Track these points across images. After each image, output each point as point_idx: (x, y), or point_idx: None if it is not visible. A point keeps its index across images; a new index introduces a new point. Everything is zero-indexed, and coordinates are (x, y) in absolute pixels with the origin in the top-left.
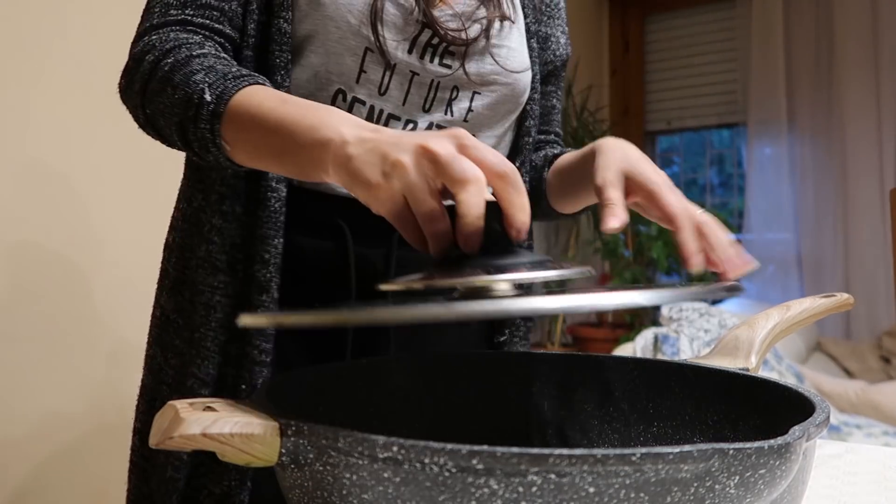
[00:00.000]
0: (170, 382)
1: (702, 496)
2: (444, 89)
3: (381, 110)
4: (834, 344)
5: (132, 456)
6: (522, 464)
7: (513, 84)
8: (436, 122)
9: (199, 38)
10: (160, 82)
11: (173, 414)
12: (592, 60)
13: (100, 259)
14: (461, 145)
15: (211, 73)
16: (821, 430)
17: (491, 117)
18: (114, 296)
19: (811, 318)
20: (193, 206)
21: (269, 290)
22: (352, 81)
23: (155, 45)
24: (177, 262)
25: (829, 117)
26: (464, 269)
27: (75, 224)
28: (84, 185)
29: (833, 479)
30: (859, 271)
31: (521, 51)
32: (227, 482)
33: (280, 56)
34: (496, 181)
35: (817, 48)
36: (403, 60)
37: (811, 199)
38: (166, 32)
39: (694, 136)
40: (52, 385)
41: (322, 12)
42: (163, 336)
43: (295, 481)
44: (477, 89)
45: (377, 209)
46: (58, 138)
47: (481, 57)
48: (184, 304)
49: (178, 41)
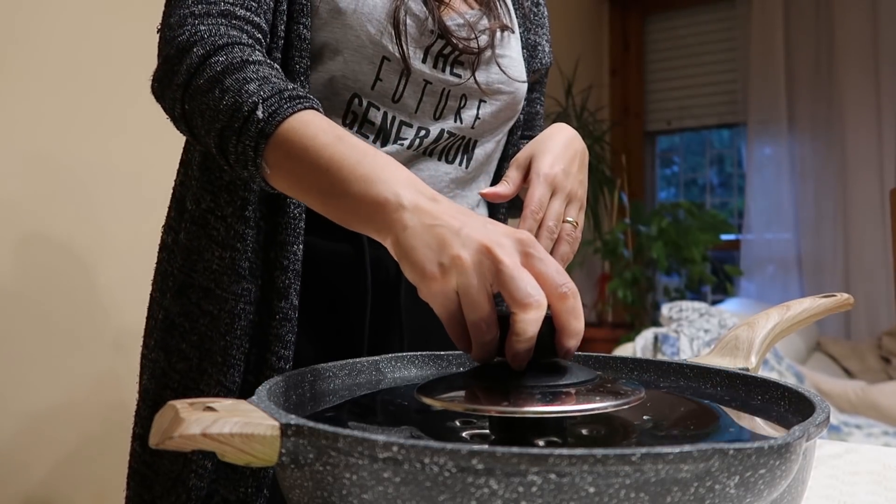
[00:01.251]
0: (175, 387)
1: (702, 496)
2: (454, 98)
3: (393, 117)
4: (834, 344)
5: (132, 461)
6: (522, 464)
7: (515, 92)
8: (447, 129)
9: (248, 38)
10: (209, 82)
11: (173, 414)
12: (592, 60)
13: (104, 253)
14: (525, 253)
15: (266, 85)
16: (821, 430)
17: (493, 125)
18: (119, 290)
19: (811, 318)
20: (202, 207)
21: (288, 296)
22: (367, 88)
23: (203, 36)
24: (182, 264)
25: (829, 117)
26: (507, 386)
27: (81, 217)
28: (89, 178)
29: (833, 479)
30: (859, 271)
31: (520, 60)
32: (244, 489)
33: (300, 62)
34: (557, 303)
35: (817, 48)
36: (418, 69)
37: (811, 199)
38: (216, 25)
39: (694, 136)
40: (57, 379)
41: (342, 21)
42: (167, 340)
43: (295, 481)
44: (483, 97)
45: (426, 298)
46: (62, 131)
47: (488, 66)
48: (191, 308)
49: (230, 38)
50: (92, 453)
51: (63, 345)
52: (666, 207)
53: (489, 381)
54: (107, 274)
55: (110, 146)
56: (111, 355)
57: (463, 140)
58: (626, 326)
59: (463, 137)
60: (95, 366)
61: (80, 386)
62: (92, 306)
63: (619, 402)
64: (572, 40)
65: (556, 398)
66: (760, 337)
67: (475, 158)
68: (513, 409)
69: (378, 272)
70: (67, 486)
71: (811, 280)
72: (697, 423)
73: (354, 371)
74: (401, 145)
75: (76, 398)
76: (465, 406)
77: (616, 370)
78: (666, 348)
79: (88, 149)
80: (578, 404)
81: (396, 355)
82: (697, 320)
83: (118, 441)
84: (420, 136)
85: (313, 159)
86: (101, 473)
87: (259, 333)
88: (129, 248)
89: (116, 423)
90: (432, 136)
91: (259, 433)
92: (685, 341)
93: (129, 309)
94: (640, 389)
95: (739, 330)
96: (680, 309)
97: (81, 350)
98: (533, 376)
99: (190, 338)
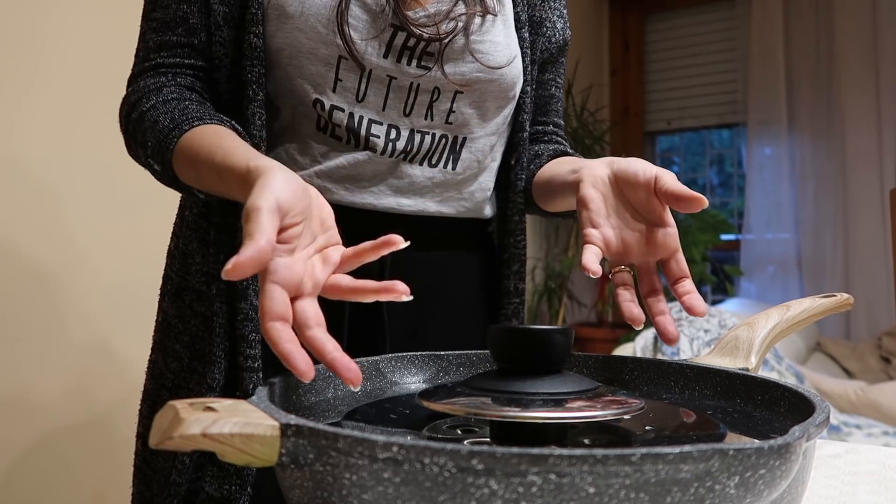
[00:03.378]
0: (169, 386)
1: (702, 496)
2: (425, 92)
3: (360, 117)
4: (834, 344)
5: (135, 460)
6: (522, 464)
7: (498, 80)
8: (416, 128)
9: (164, 79)
10: (132, 136)
11: (173, 414)
12: (592, 60)
13: (100, 258)
14: None
15: (151, 135)
16: (821, 430)
17: (479, 116)
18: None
19: (811, 318)
20: (194, 212)
21: (246, 296)
22: (328, 90)
23: (129, 97)
24: (179, 268)
25: (829, 117)
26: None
27: (73, 225)
28: (64, 186)
29: (833, 479)
30: (859, 271)
31: (505, 43)
32: (228, 486)
33: (251, 70)
34: None
35: (817, 48)
36: (379, 65)
37: (811, 199)
38: (139, 81)
39: (694, 136)
40: (47, 384)
41: (291, 24)
42: (164, 341)
43: (295, 481)
44: (459, 89)
45: None
46: (38, 139)
47: (461, 55)
48: (184, 310)
49: (139, 93)
50: (92, 453)
51: (51, 349)
52: None
53: (492, 389)
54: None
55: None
56: (100, 358)
57: (447, 140)
58: (627, 326)
59: (445, 137)
60: (95, 366)
61: (80, 386)
62: (73, 308)
63: (620, 410)
64: (572, 40)
65: (558, 405)
66: (760, 337)
67: (464, 158)
68: (515, 414)
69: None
70: (68, 486)
71: (811, 280)
72: (699, 435)
73: None
74: (373, 151)
75: (76, 398)
76: (467, 410)
77: (616, 370)
78: (666, 348)
79: (63, 156)
80: (581, 412)
81: (397, 355)
82: (697, 320)
83: (119, 441)
84: (391, 137)
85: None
86: (102, 473)
87: (230, 334)
88: (128, 254)
89: (116, 423)
90: (404, 138)
91: (259, 433)
92: (685, 341)
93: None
94: (640, 400)
95: (739, 330)
96: (680, 308)
97: (70, 353)
98: (535, 384)
99: (182, 338)
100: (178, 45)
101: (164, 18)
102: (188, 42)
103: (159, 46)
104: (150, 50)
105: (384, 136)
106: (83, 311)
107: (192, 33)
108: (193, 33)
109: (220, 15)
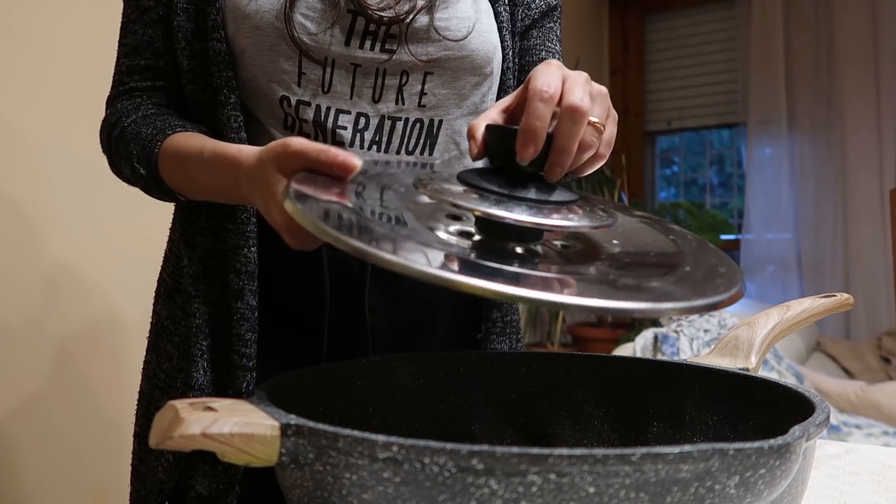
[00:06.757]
0: (161, 387)
1: (702, 496)
2: (392, 76)
3: (327, 108)
4: (834, 344)
5: (132, 459)
6: (522, 464)
7: (469, 55)
8: (387, 114)
9: (140, 100)
10: (114, 152)
11: (173, 414)
12: (592, 60)
13: (100, 258)
14: None
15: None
16: (821, 430)
17: (454, 96)
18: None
19: (811, 318)
20: (182, 216)
21: (243, 297)
22: (293, 85)
23: (108, 118)
24: (172, 270)
25: (829, 117)
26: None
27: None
28: (64, 186)
29: (833, 479)
30: (859, 271)
31: (475, 18)
32: (216, 485)
33: (220, 76)
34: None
35: (817, 48)
36: (342, 53)
37: (811, 199)
38: (116, 104)
39: (694, 136)
40: (47, 384)
41: (249, 23)
42: (158, 342)
43: (295, 481)
44: (428, 69)
45: None
46: (38, 139)
47: (426, 34)
48: (175, 311)
49: (118, 113)
50: (92, 453)
51: (57, 343)
52: (666, 207)
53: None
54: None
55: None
56: (111, 355)
57: (421, 125)
58: (626, 326)
59: (420, 121)
60: (95, 366)
61: (80, 386)
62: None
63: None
64: (572, 40)
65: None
66: (760, 337)
67: (441, 142)
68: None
69: (338, 273)
70: (68, 486)
71: (811, 280)
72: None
73: (355, 371)
74: (341, 145)
75: (76, 397)
76: (454, 202)
77: (616, 370)
78: (666, 348)
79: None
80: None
81: (397, 356)
82: (697, 320)
83: (119, 441)
84: (359, 127)
85: None
86: (102, 473)
87: (223, 334)
88: (129, 252)
89: (116, 423)
90: (373, 126)
91: (259, 433)
92: (685, 341)
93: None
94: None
95: (739, 330)
96: None
97: (73, 355)
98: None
99: (173, 339)
100: (148, 68)
101: (133, 44)
102: (156, 65)
103: (131, 70)
104: (123, 74)
105: (352, 127)
106: (83, 311)
107: (158, 56)
108: (160, 56)
109: (188, 31)
